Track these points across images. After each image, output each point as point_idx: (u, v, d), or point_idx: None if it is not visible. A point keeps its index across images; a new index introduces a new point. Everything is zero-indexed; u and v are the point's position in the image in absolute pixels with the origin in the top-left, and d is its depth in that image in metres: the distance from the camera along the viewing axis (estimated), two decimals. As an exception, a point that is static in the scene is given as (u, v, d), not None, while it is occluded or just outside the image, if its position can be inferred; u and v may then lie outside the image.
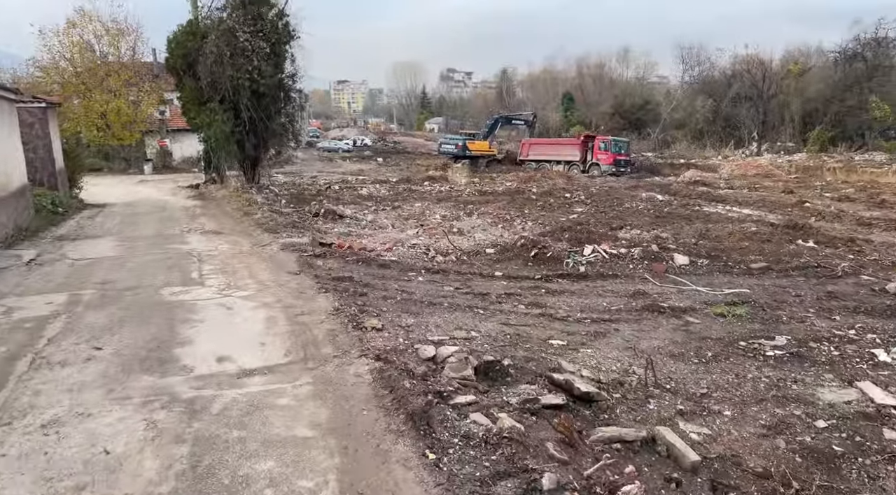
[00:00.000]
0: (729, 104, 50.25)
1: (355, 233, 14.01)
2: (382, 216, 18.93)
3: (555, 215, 19.35)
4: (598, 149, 42.58)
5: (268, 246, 11.26)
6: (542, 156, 45.86)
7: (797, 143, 45.00)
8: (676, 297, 8.20)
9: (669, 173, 43.86)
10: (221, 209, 17.74)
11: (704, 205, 19.47)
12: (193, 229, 13.88)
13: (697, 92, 53.66)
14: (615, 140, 43.63)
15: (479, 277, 9.22)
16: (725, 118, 50.65)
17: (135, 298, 7.58)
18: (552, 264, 9.91)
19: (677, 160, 46.69)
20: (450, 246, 11.60)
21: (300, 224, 14.12)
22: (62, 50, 43.33)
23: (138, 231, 13.66)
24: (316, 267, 9.24)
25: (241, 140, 22.76)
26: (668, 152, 48.99)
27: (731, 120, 50.48)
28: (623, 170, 41.98)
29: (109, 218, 16.21)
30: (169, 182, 33.92)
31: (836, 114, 43.86)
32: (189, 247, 11.21)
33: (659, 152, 50.54)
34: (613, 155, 42.06)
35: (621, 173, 41.36)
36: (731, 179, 28.66)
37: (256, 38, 21.43)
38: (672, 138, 52.48)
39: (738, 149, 48.12)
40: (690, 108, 51.64)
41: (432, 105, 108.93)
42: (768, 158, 40.40)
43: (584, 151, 43.54)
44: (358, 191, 28.70)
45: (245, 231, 13.41)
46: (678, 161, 46.29)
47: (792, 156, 41.82)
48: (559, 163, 44.23)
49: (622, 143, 43.62)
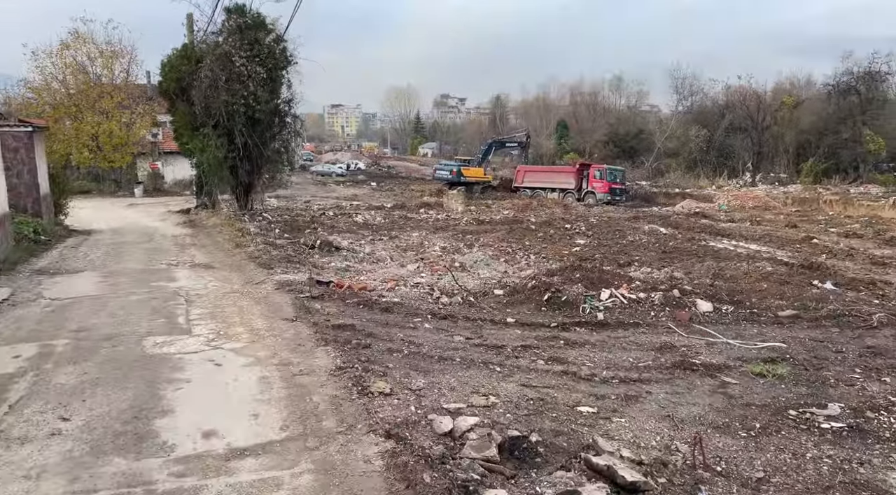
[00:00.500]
0: (722, 134, 50.25)
1: (353, 267, 13.27)
2: (380, 247, 18.23)
3: (556, 247, 18.72)
4: (593, 178, 42.30)
5: (261, 284, 10.50)
6: (537, 183, 45.49)
7: (790, 175, 44.92)
8: (707, 352, 7.51)
9: (664, 202, 43.57)
10: (212, 239, 16.97)
11: (710, 240, 18.90)
12: (182, 262, 13.10)
13: (691, 121, 53.69)
14: (611, 168, 43.37)
15: (490, 324, 8.49)
16: (719, 148, 50.62)
17: (113, 351, 6.78)
18: (568, 309, 9.20)
19: (672, 189, 46.41)
20: (455, 285, 10.88)
21: (295, 258, 13.36)
22: (55, 71, 42.71)
23: (123, 264, 12.85)
24: (314, 311, 8.49)
25: (234, 166, 22.06)
26: (663, 181, 48.78)
27: (725, 150, 50.45)
28: (618, 198, 41.65)
29: (94, 247, 15.39)
30: (159, 206, 33.12)
31: (830, 146, 43.89)
32: (176, 286, 10.42)
33: (653, 181, 50.35)
34: (609, 183, 41.77)
35: (616, 202, 41.01)
36: (731, 212, 28.20)
37: (253, 63, 20.85)
38: (666, 167, 52.34)
39: (731, 179, 47.97)
40: (684, 137, 51.61)
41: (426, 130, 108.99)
42: (763, 189, 40.17)
43: (579, 179, 43.22)
44: (353, 219, 28.01)
45: (237, 265, 12.64)
46: (673, 190, 46.01)
47: (787, 187, 41.65)
48: (554, 191, 43.87)
49: (617, 172, 43.36)
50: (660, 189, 47.28)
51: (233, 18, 21.19)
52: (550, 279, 10.46)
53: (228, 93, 20.48)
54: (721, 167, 50.06)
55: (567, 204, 35.86)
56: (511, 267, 14.49)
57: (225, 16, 21.26)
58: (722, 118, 50.95)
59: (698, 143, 50.49)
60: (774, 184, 43.43)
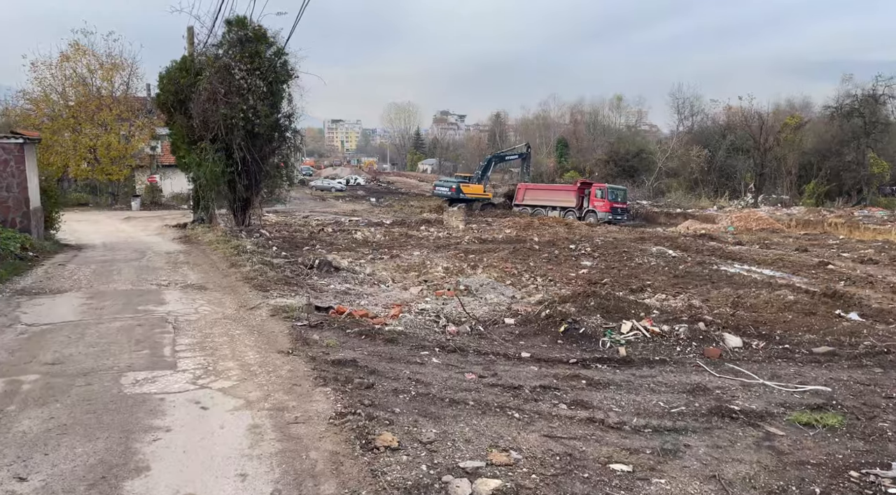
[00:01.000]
0: (723, 154, 49.85)
1: (354, 290, 12.55)
2: (380, 267, 17.53)
3: (562, 269, 18.06)
4: (594, 197, 41.83)
5: (256, 309, 9.77)
6: (537, 201, 44.98)
7: (792, 196, 44.45)
8: (744, 395, 6.79)
9: (666, 222, 43.07)
10: (207, 257, 16.25)
11: (721, 264, 18.24)
12: (174, 283, 12.38)
13: (692, 141, 53.33)
14: (612, 188, 42.88)
15: (503, 359, 7.76)
16: (720, 168, 50.20)
17: (87, 390, 6.04)
18: (586, 343, 8.48)
19: (673, 209, 45.94)
20: (463, 312, 10.16)
21: (293, 279, 12.64)
22: (54, 83, 42.26)
23: (111, 284, 12.12)
24: (311, 343, 7.76)
25: (232, 181, 21.43)
26: (664, 201, 48.29)
27: (726, 170, 50.02)
28: (619, 218, 41.15)
29: (83, 265, 14.65)
30: (156, 220, 32.44)
31: (832, 168, 43.49)
32: (165, 310, 9.69)
33: (654, 200, 49.87)
34: (610, 203, 41.28)
35: (618, 221, 40.52)
36: (738, 234, 27.58)
37: (253, 77, 20.31)
38: (666, 187, 51.88)
39: (732, 200, 47.50)
40: (685, 157, 51.22)
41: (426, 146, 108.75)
42: (766, 211, 39.64)
43: (580, 198, 42.74)
44: (352, 235, 27.35)
45: (231, 287, 11.92)
46: (674, 210, 45.54)
47: (789, 209, 41.16)
48: (555, 209, 43.36)
49: (619, 191, 42.87)
50: (661, 209, 46.81)
51: (233, 31, 20.69)
52: (565, 308, 9.75)
53: (227, 106, 19.91)
54: (722, 187, 49.62)
55: (570, 223, 35.22)
56: (518, 290, 13.79)
57: (225, 28, 20.80)
58: (723, 138, 50.58)
59: (699, 163, 50.06)
60: (777, 205, 42.93)
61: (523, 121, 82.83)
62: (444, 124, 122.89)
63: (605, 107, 70.51)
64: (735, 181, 49.19)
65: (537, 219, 35.53)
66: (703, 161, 50.00)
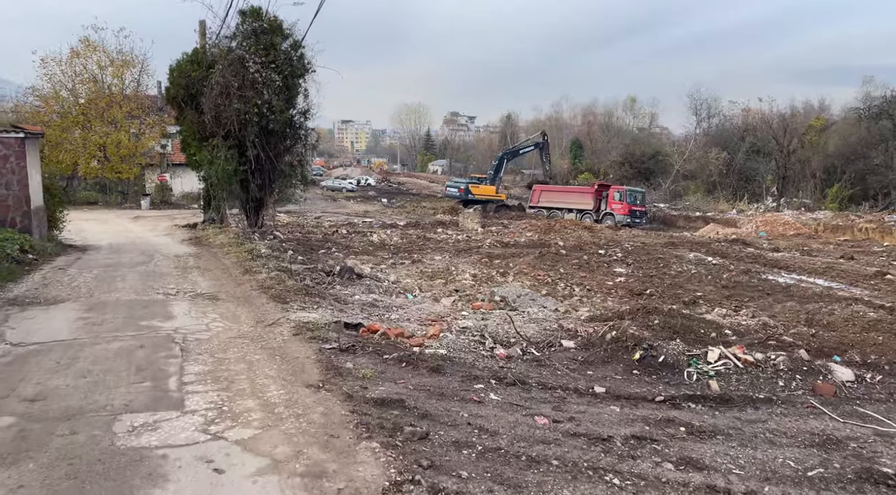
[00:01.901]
0: (743, 157, 48.25)
1: (381, 301, 11.19)
2: (403, 272, 16.20)
3: (597, 277, 16.70)
4: (612, 199, 40.40)
5: (276, 326, 8.44)
6: (553, 203, 43.57)
7: (815, 200, 42.84)
8: (888, 450, 5.40)
9: (684, 226, 41.57)
10: (219, 261, 14.94)
11: (767, 273, 16.81)
12: (182, 291, 11.07)
13: (710, 144, 51.71)
14: (631, 190, 41.37)
15: (575, 395, 6.40)
16: (739, 171, 48.59)
17: (71, 443, 4.71)
18: (668, 374, 7.10)
19: (692, 212, 44.40)
20: (510, 331, 8.81)
21: (314, 289, 11.31)
22: (64, 79, 41.06)
23: (114, 292, 10.81)
24: (345, 372, 6.42)
25: (245, 180, 20.11)
26: (683, 204, 46.74)
27: (745, 173, 48.41)
28: (638, 221, 39.72)
29: (85, 269, 13.36)
30: (165, 219, 31.25)
31: (857, 171, 41.84)
32: (172, 326, 8.36)
33: (671, 203, 48.35)
34: (629, 205, 39.82)
35: (636, 224, 39.11)
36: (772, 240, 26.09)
37: (268, 70, 18.99)
38: (683, 189, 50.32)
39: (752, 203, 45.91)
40: (704, 159, 49.62)
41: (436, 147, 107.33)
42: (791, 215, 38.08)
43: (597, 200, 41.31)
44: (368, 237, 26.04)
45: (246, 297, 10.60)
46: (693, 213, 44.02)
47: (814, 213, 39.56)
48: (571, 212, 41.97)
49: (638, 194, 41.37)
50: (679, 212, 45.30)
51: (248, 21, 19.38)
52: (627, 327, 8.36)
53: (241, 101, 18.61)
54: (741, 191, 48.02)
55: (592, 227, 33.78)
56: (560, 302, 12.41)
57: (239, 18, 19.48)
58: (742, 141, 48.97)
59: (718, 166, 48.47)
60: (801, 209, 41.32)
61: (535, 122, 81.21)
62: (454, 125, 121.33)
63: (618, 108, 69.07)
64: (754, 184, 47.58)
65: (557, 222, 34.08)
66: (722, 163, 48.40)
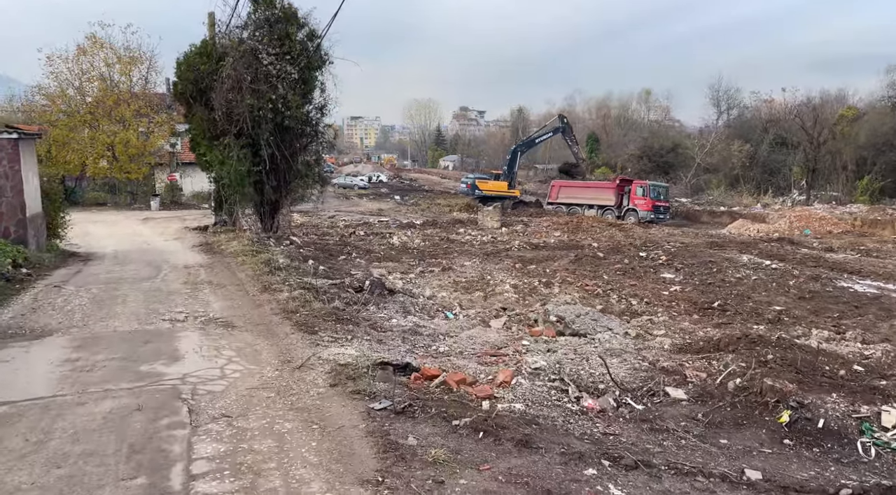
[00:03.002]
0: (766, 149, 46.09)
1: (423, 326, 9.45)
2: (435, 282, 14.49)
3: (646, 284, 14.92)
4: (635, 195, 38.45)
5: (306, 368, 6.72)
6: (573, 199, 41.70)
7: (846, 193, 40.71)
8: None
9: (709, 221, 39.67)
10: (233, 274, 13.23)
11: (838, 279, 14.96)
12: (192, 315, 9.37)
13: (732, 136, 49.51)
14: (654, 185, 39.38)
15: (724, 485, 4.62)
16: (763, 164, 46.44)
17: None
18: (833, 444, 5.33)
19: (716, 207, 42.41)
20: (591, 369, 7.05)
21: (344, 312, 9.57)
22: (70, 77, 39.43)
23: (112, 319, 9.11)
24: (408, 455, 4.67)
25: (259, 181, 18.38)
26: (706, 198, 44.70)
27: (769, 166, 46.25)
28: (662, 217, 37.85)
29: (84, 287, 11.68)
30: (175, 221, 29.65)
31: (888, 163, 39.65)
32: (178, 372, 6.64)
33: (693, 198, 46.31)
34: (652, 201, 37.88)
35: (660, 220, 37.27)
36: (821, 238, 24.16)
37: (283, 62, 17.22)
38: (705, 183, 48.23)
39: (777, 197, 43.82)
40: (726, 152, 47.46)
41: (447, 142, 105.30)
42: (822, 209, 36.05)
43: (619, 196, 39.38)
44: (388, 240, 24.33)
45: (267, 324, 8.88)
46: (717, 208, 42.04)
47: (845, 206, 37.49)
48: (591, 208, 40.08)
49: (661, 189, 39.40)
50: (703, 207, 43.33)
51: (260, 10, 17.58)
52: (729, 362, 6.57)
53: (254, 95, 16.86)
54: (765, 184, 45.90)
55: (622, 225, 31.91)
56: (626, 322, 10.63)
57: (251, 6, 17.67)
58: (765, 132, 46.78)
59: (741, 159, 46.32)
60: (831, 202, 39.24)
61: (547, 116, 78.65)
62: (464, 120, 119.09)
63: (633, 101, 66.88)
64: (779, 177, 45.44)
65: (581, 220, 32.20)
66: (745, 156, 46.25)
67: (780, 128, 46.42)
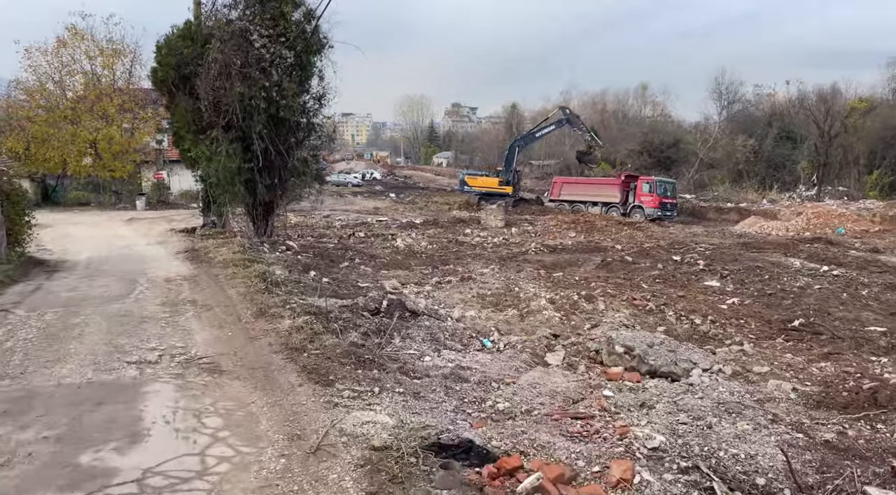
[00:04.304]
0: (771, 144, 44.26)
1: (468, 370, 7.21)
2: (457, 296, 12.30)
3: (696, 296, 12.81)
4: (641, 191, 36.43)
5: (324, 454, 4.51)
6: (576, 196, 39.58)
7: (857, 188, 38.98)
8: None
9: (716, 218, 37.76)
10: (222, 291, 10.95)
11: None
12: (168, 354, 7.11)
13: (736, 130, 47.61)
14: (661, 181, 37.34)
15: None
16: (767, 159, 44.61)
17: None
18: None
19: (722, 203, 40.51)
20: (715, 445, 4.89)
21: (363, 347, 7.35)
22: (50, 71, 36.71)
23: (60, 363, 6.81)
24: None
25: (250, 179, 16.08)
26: (712, 194, 42.81)
27: (774, 160, 44.44)
28: (669, 214, 35.91)
29: (36, 310, 9.35)
30: (162, 222, 27.20)
31: (897, 156, 38.02)
32: (136, 469, 4.38)
33: (697, 194, 44.40)
34: (659, 197, 35.87)
35: (667, 218, 35.32)
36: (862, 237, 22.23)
37: (277, 45, 14.93)
38: (709, 179, 46.34)
39: (783, 193, 42.04)
40: (730, 147, 45.57)
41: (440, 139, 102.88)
42: (836, 205, 34.25)
43: (624, 192, 37.33)
44: (392, 243, 22.06)
45: (265, 367, 6.64)
46: (724, 204, 40.15)
47: (857, 202, 35.74)
48: (595, 205, 38.03)
49: (668, 185, 37.42)
50: (708, 203, 41.44)
51: (251, -15, 15.29)
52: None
53: (245, 83, 14.57)
54: (770, 179, 44.08)
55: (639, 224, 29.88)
56: (711, 353, 8.48)
57: (240, -18, 15.36)
58: (769, 126, 44.94)
59: (745, 154, 44.46)
60: (843, 198, 37.47)
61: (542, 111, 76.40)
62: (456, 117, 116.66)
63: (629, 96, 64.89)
64: (784, 172, 43.65)
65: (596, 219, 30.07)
66: (749, 151, 44.39)
67: (784, 121, 44.61)
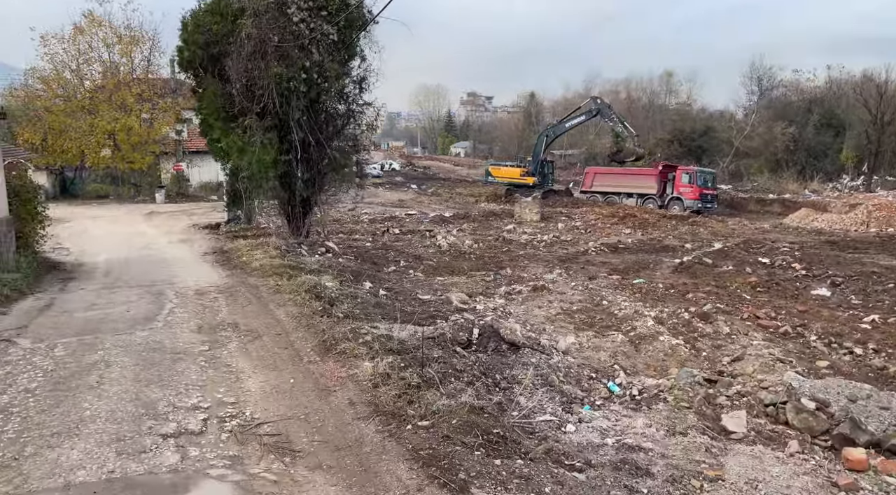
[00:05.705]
0: (812, 131, 41.59)
1: (641, 453, 5.12)
2: (536, 311, 10.26)
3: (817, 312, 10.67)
4: (680, 182, 34.03)
5: None
6: (610, 187, 37.23)
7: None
8: None
9: (757, 210, 35.24)
10: (267, 310, 8.90)
11: None
12: (216, 417, 5.09)
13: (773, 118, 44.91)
14: (701, 171, 34.90)
15: None
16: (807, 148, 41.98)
17: None
18: None
19: (764, 195, 37.99)
20: None
21: (482, 413, 5.29)
22: (67, 59, 34.77)
23: (68, 444, 4.79)
24: None
25: (287, 173, 14.07)
26: (750, 185, 40.32)
27: (814, 149, 41.79)
28: (709, 206, 33.51)
29: (42, 345, 7.36)
30: (182, 216, 25.25)
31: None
32: None
33: (734, 185, 41.89)
34: (699, 188, 33.46)
35: (707, 210, 32.91)
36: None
37: (318, 19, 12.81)
38: (745, 169, 43.78)
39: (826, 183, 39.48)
40: (768, 135, 42.93)
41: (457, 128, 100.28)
42: (891, 196, 31.73)
43: (661, 183, 34.96)
44: (432, 240, 19.99)
45: (356, 447, 4.60)
46: (766, 196, 37.61)
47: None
48: (630, 196, 35.74)
49: (708, 175, 34.97)
50: (748, 194, 38.95)
51: (288, -49, 13.12)
52: None
53: (282, 62, 12.47)
54: (810, 168, 41.47)
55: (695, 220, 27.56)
56: None
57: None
58: (809, 113, 42.24)
59: (784, 142, 41.84)
60: (895, 189, 34.96)
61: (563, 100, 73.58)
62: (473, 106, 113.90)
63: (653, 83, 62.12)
64: (825, 161, 41.02)
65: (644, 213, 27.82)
66: (789, 139, 41.79)
67: (824, 107, 41.91)
